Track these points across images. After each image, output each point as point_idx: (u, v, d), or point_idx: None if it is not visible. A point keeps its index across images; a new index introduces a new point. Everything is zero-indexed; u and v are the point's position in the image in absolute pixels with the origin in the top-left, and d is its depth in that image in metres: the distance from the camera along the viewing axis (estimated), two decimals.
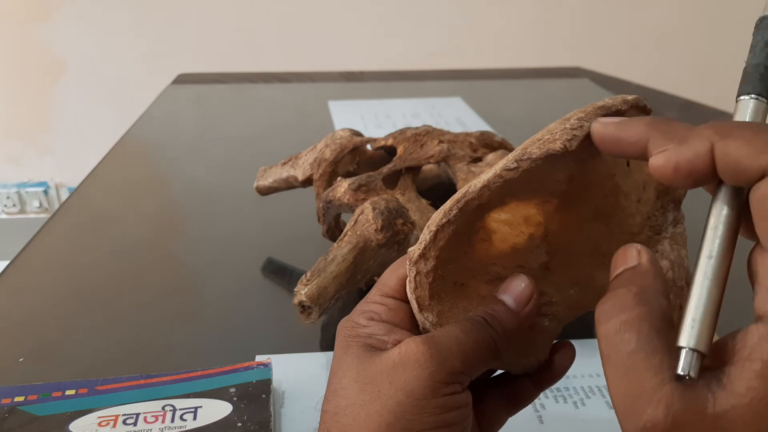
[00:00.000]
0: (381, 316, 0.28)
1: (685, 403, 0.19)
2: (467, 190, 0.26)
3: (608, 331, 0.21)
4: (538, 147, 0.24)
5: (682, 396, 0.19)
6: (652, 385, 0.19)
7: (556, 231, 0.27)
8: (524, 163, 0.24)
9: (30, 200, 2.01)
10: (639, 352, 0.20)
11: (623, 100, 0.26)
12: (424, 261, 0.27)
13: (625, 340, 0.20)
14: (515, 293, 0.27)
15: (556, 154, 0.24)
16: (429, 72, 1.42)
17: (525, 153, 0.25)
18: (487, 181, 0.25)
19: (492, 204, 0.26)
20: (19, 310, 0.55)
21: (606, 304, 0.22)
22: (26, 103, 1.91)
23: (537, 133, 0.25)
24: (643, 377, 0.20)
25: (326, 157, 0.56)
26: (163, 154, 0.94)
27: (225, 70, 1.39)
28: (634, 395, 0.20)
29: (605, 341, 0.21)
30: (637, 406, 0.20)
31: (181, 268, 0.63)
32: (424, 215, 0.49)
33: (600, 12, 1.89)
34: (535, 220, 0.27)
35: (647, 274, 0.22)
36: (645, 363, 0.20)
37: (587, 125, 0.24)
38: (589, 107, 0.25)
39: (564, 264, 0.28)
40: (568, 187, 0.26)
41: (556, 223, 0.27)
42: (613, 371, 0.21)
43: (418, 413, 0.25)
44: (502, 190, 0.25)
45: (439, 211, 0.26)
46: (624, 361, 0.20)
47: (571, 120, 0.25)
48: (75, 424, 0.39)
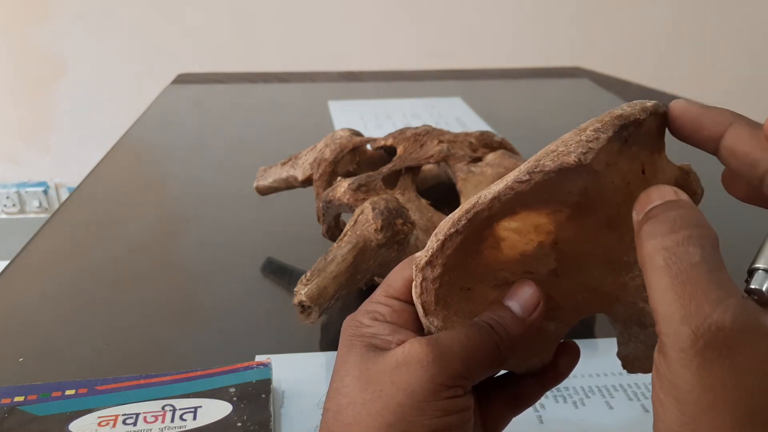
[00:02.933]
0: (385, 317, 0.28)
1: (751, 316, 0.19)
2: (477, 200, 0.25)
3: (667, 243, 0.21)
4: (552, 159, 0.24)
5: (747, 309, 0.19)
6: (717, 295, 0.19)
7: (567, 239, 0.27)
8: (537, 175, 0.24)
9: (30, 200, 2.01)
10: (703, 265, 0.20)
11: (642, 108, 0.25)
12: (431, 268, 0.27)
13: (690, 253, 0.20)
14: (522, 300, 0.27)
15: (571, 167, 0.23)
16: (429, 72, 1.42)
17: (538, 165, 0.24)
18: (497, 192, 0.25)
19: (502, 214, 0.26)
20: (19, 310, 0.55)
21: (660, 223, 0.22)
22: (26, 103, 1.91)
23: (550, 143, 0.25)
24: (708, 288, 0.20)
25: (326, 157, 0.56)
26: (163, 154, 0.94)
27: (225, 70, 1.39)
28: (698, 302, 0.19)
29: (663, 252, 0.21)
30: (701, 310, 0.19)
31: (180, 267, 0.63)
32: (424, 215, 0.49)
33: (600, 12, 1.89)
34: (545, 228, 0.27)
35: (694, 207, 0.22)
36: (709, 276, 0.20)
37: (604, 137, 0.24)
38: (606, 117, 0.24)
39: (573, 270, 0.28)
40: (581, 198, 0.25)
41: (567, 232, 0.27)
42: (673, 280, 0.20)
43: (419, 415, 0.25)
44: (512, 201, 0.25)
45: (447, 220, 0.26)
46: (687, 271, 0.20)
47: (587, 131, 0.24)
48: (75, 424, 0.39)
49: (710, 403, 0.19)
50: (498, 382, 0.30)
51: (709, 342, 0.19)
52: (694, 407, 0.19)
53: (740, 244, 0.34)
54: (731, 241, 0.33)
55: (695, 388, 0.19)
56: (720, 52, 1.94)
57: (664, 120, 0.26)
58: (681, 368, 0.19)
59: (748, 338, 0.19)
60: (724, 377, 0.19)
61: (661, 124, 0.26)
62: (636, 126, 0.25)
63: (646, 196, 0.23)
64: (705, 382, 0.19)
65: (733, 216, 0.53)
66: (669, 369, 0.20)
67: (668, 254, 0.21)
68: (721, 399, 0.19)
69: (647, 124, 0.25)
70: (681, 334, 0.19)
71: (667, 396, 0.20)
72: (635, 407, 0.43)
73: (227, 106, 1.15)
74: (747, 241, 0.23)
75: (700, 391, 0.19)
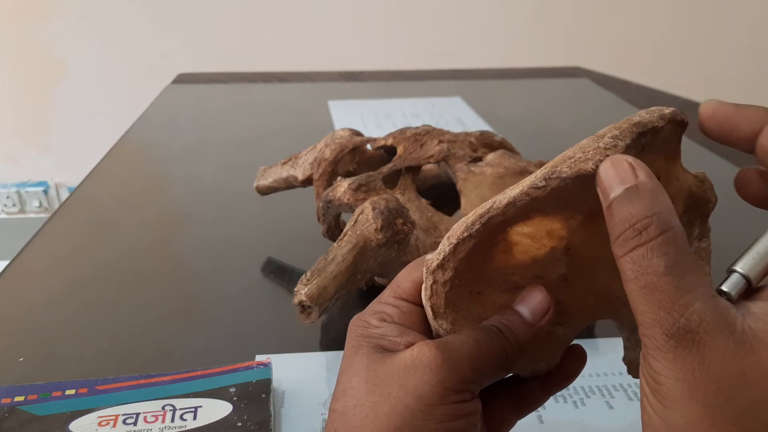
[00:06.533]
0: (393, 318, 0.28)
1: (717, 315, 0.21)
2: (492, 205, 0.25)
3: (636, 257, 0.22)
4: (569, 166, 0.24)
5: (714, 309, 0.21)
6: (684, 300, 0.21)
7: (579, 245, 0.27)
8: (553, 182, 0.24)
9: (30, 200, 2.01)
10: (668, 274, 0.21)
11: (660, 115, 0.25)
12: (442, 271, 0.26)
13: (654, 265, 0.21)
14: (532, 305, 0.27)
15: (588, 174, 0.23)
16: (429, 72, 1.42)
17: (555, 171, 0.24)
18: (513, 198, 0.25)
19: (516, 219, 0.26)
20: (19, 310, 0.55)
21: (624, 233, 0.22)
22: (26, 103, 1.91)
23: (567, 149, 0.24)
24: (675, 295, 0.21)
25: (326, 157, 0.56)
26: (163, 154, 0.94)
27: (225, 70, 1.39)
28: (666, 309, 0.21)
29: (632, 265, 0.22)
30: (671, 316, 0.21)
31: (180, 267, 0.63)
32: (424, 215, 0.49)
33: (600, 12, 1.89)
34: (558, 234, 0.26)
35: (654, 194, 0.22)
36: (676, 283, 0.21)
37: (622, 144, 0.23)
38: (624, 124, 0.24)
39: (583, 275, 0.28)
40: (595, 204, 0.25)
41: (579, 238, 0.27)
42: (643, 291, 0.21)
43: (427, 419, 0.25)
44: (527, 207, 0.25)
45: (460, 224, 0.26)
46: (654, 283, 0.21)
47: (605, 138, 0.24)
48: (75, 423, 0.39)
49: (682, 393, 0.21)
50: (502, 385, 0.30)
51: (680, 341, 0.21)
52: (669, 397, 0.21)
53: (735, 246, 0.34)
54: (734, 240, 0.33)
55: (669, 381, 0.21)
56: (720, 52, 1.94)
57: (682, 127, 0.26)
58: (657, 364, 0.21)
59: (714, 336, 0.21)
60: (695, 370, 0.21)
61: (678, 132, 0.26)
62: (654, 133, 0.24)
63: (605, 174, 0.23)
64: (678, 374, 0.21)
65: (741, 215, 0.53)
66: (650, 366, 0.22)
67: (636, 267, 0.22)
68: (693, 389, 0.21)
69: (664, 131, 0.25)
70: (656, 335, 0.21)
71: (650, 390, 0.22)
72: (635, 407, 0.43)
73: (227, 106, 1.15)
74: (743, 243, 0.23)
75: (673, 381, 0.21)
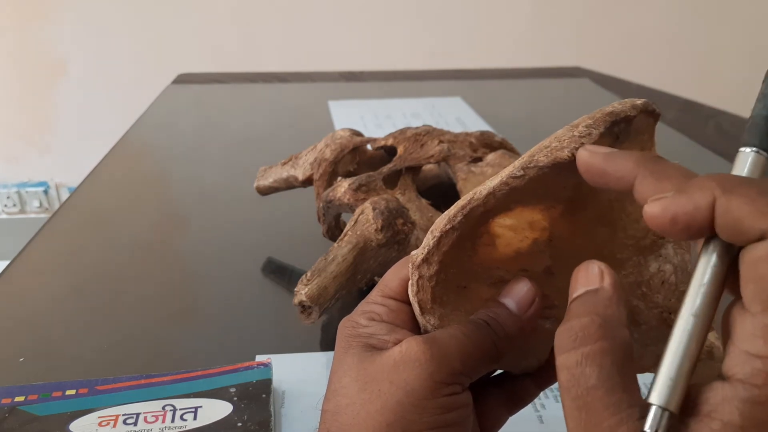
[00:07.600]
0: (382, 317, 0.28)
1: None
2: (472, 196, 0.25)
3: (569, 362, 0.21)
4: (545, 155, 0.24)
5: None
6: (609, 423, 0.19)
7: (561, 236, 0.27)
8: (531, 170, 0.24)
9: (30, 200, 2.01)
10: (599, 388, 0.20)
11: (632, 105, 0.25)
12: (427, 265, 0.27)
13: (586, 375, 0.20)
14: (517, 297, 0.27)
15: (564, 162, 0.24)
16: (429, 72, 1.42)
17: (532, 160, 0.24)
18: (492, 188, 0.25)
19: (497, 210, 0.26)
20: (19, 310, 0.55)
21: (567, 333, 0.21)
22: (26, 103, 1.91)
23: (544, 139, 0.25)
24: (602, 415, 0.20)
25: (326, 157, 0.56)
26: (163, 154, 0.94)
27: (225, 70, 1.39)
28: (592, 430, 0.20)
29: (565, 372, 0.21)
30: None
31: (181, 268, 0.63)
32: (424, 215, 0.49)
33: (600, 12, 1.89)
34: (539, 225, 0.27)
35: (610, 302, 0.22)
36: (604, 400, 0.20)
37: (595, 132, 0.24)
38: (598, 113, 0.25)
39: (567, 267, 0.28)
40: (574, 193, 0.26)
41: (561, 228, 0.27)
42: (571, 404, 0.20)
43: (419, 413, 0.25)
44: (507, 197, 0.25)
45: (443, 217, 0.26)
46: (583, 396, 0.20)
47: (579, 127, 0.24)
48: (75, 423, 0.39)
49: None
50: (494, 382, 0.31)
51: None
52: None
53: None
54: None
55: None
56: (720, 52, 1.94)
57: (654, 118, 0.26)
58: None
59: None
60: None
61: (650, 122, 0.26)
62: (626, 122, 0.25)
63: (575, 278, 0.23)
64: None
65: None
66: None
67: (568, 375, 0.21)
68: None
69: (637, 121, 0.25)
70: None
71: None
72: None
73: (227, 106, 1.15)
74: None
75: None
